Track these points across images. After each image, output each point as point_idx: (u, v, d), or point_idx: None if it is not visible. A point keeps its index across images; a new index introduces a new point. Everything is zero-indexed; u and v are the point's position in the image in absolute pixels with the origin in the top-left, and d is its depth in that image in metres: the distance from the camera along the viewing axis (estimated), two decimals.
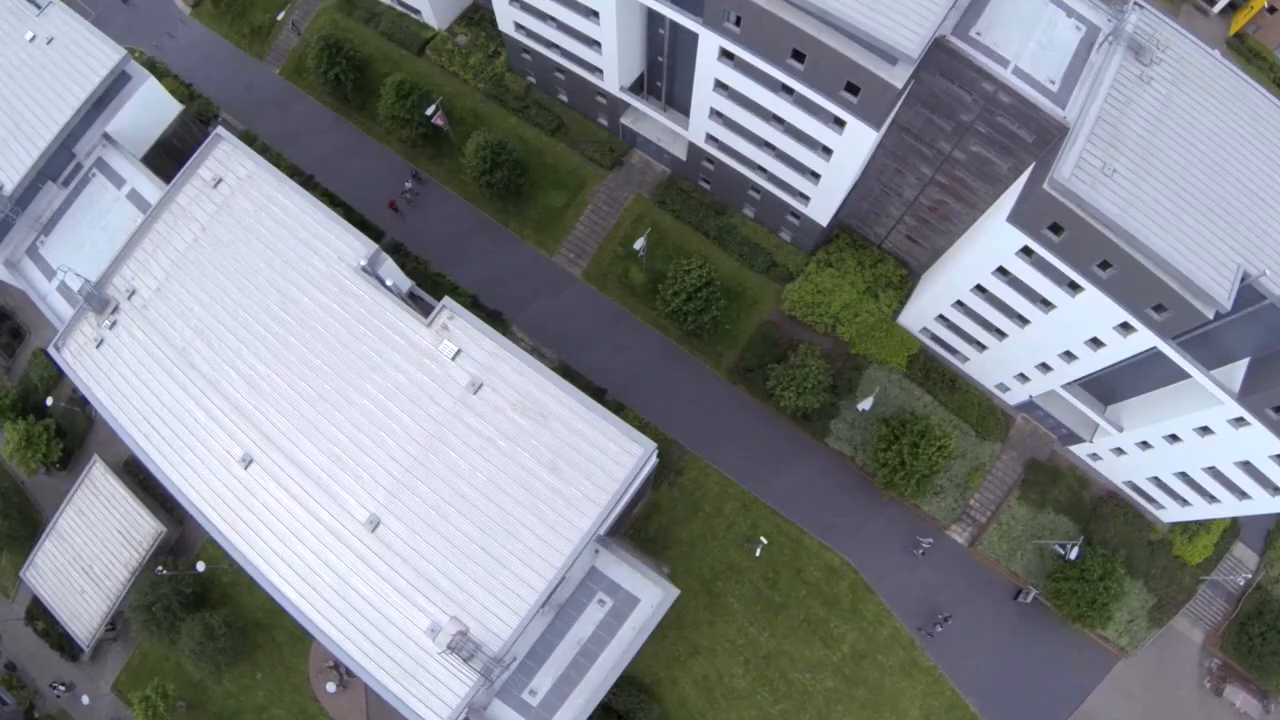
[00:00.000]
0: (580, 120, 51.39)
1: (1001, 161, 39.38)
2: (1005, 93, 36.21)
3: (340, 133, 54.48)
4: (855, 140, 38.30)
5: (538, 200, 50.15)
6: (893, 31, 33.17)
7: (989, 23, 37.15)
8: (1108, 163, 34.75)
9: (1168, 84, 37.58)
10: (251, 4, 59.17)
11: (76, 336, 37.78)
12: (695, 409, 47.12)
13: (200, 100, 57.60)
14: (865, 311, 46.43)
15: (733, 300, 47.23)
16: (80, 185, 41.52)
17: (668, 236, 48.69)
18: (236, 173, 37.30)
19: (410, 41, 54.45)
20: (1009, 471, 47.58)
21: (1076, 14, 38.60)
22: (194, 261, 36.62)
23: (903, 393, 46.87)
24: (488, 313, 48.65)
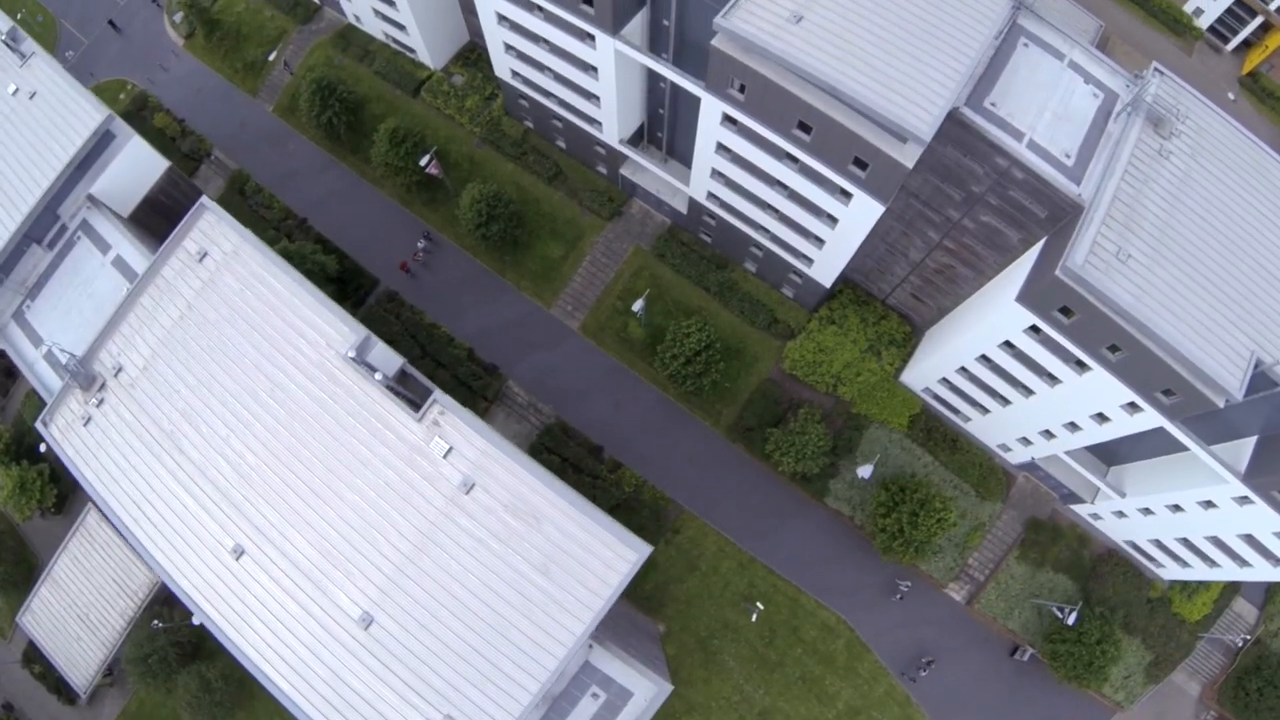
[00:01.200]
0: (579, 168, 49.32)
1: (1012, 233, 37.52)
2: (1019, 168, 34.30)
3: (334, 174, 52.52)
4: (862, 212, 36.46)
5: (535, 250, 48.37)
6: (904, 111, 31.22)
7: (1004, 91, 35.05)
8: (1123, 247, 32.98)
9: (1186, 157, 35.59)
10: (244, 38, 56.73)
11: (64, 412, 36.57)
12: (693, 467, 45.91)
13: (193, 137, 55.57)
14: (867, 371, 44.89)
15: (732, 358, 45.68)
16: (65, 249, 39.94)
17: (667, 291, 46.96)
18: (222, 247, 35.66)
19: (405, 81, 52.14)
20: (1009, 530, 46.45)
21: (1094, 80, 36.45)
22: (180, 341, 35.18)
23: (903, 452, 45.54)
24: (484, 366, 47.23)
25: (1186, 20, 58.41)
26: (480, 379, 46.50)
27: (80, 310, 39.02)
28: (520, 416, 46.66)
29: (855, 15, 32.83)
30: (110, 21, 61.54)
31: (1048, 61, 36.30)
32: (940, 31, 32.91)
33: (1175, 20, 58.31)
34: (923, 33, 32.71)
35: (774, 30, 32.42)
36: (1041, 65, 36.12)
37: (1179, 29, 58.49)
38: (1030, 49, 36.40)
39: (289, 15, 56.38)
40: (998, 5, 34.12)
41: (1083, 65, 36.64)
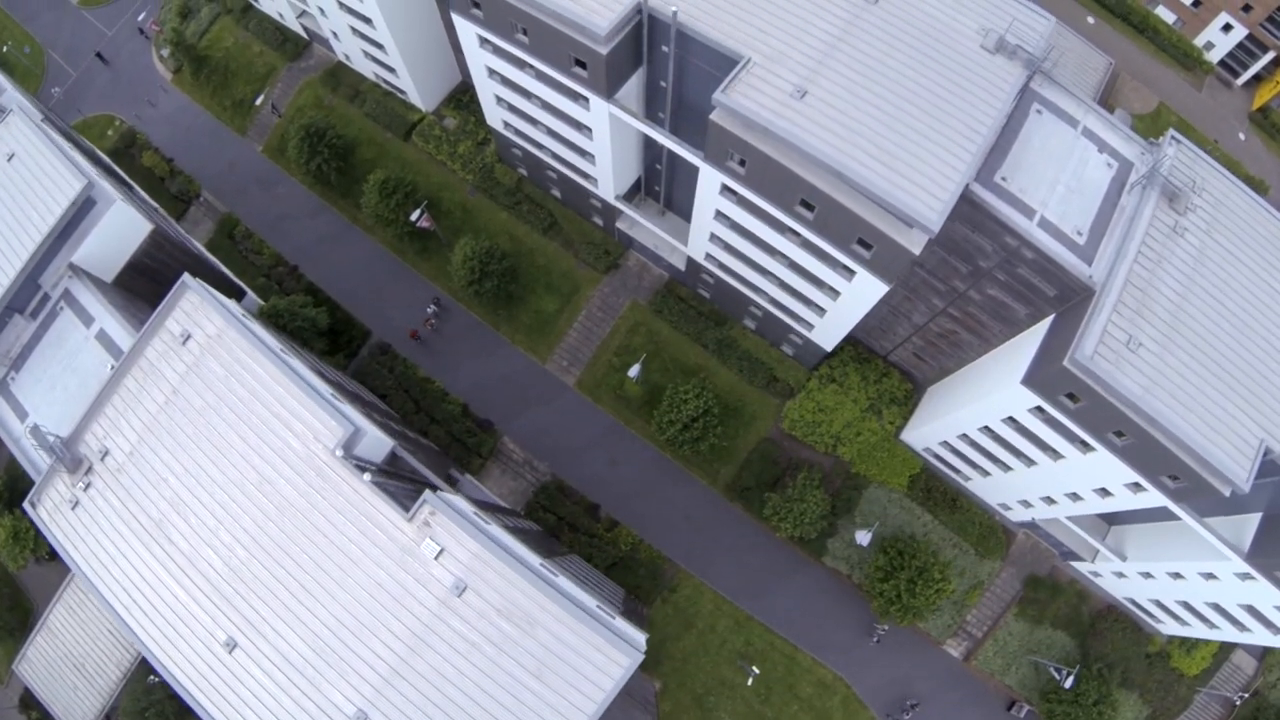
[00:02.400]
0: (574, 218, 47.43)
1: (1020, 308, 35.94)
2: (1029, 249, 32.73)
3: (325, 219, 50.66)
4: (865, 289, 34.86)
5: (529, 304, 46.69)
6: (912, 199, 29.55)
7: (1015, 164, 33.26)
8: (1134, 335, 31.46)
9: (1201, 233, 33.93)
10: (233, 74, 54.41)
11: (51, 494, 35.29)
12: (690, 525, 44.79)
13: (181, 177, 53.58)
14: (867, 431, 43.51)
15: (730, 417, 44.30)
16: (48, 319, 38.32)
17: (665, 348, 45.39)
18: (205, 329, 34.06)
19: (396, 124, 50.01)
20: (1008, 588, 45.46)
21: (1109, 148, 34.65)
22: (166, 427, 33.77)
23: (903, 511, 44.37)
24: (478, 422, 45.85)
25: (1197, 55, 55.99)
26: (474, 435, 45.18)
27: (65, 385, 37.51)
28: (516, 473, 45.41)
29: (861, 89, 30.98)
30: (98, 54, 59.17)
31: (1061, 129, 34.43)
32: (951, 107, 31.07)
33: (1185, 55, 55.91)
34: (932, 108, 30.88)
35: (776, 107, 30.56)
36: (1054, 133, 34.28)
37: (1189, 63, 56.10)
38: (1043, 116, 34.50)
39: (278, 51, 54.00)
40: (1011, 76, 32.18)
41: (1097, 133, 34.81)
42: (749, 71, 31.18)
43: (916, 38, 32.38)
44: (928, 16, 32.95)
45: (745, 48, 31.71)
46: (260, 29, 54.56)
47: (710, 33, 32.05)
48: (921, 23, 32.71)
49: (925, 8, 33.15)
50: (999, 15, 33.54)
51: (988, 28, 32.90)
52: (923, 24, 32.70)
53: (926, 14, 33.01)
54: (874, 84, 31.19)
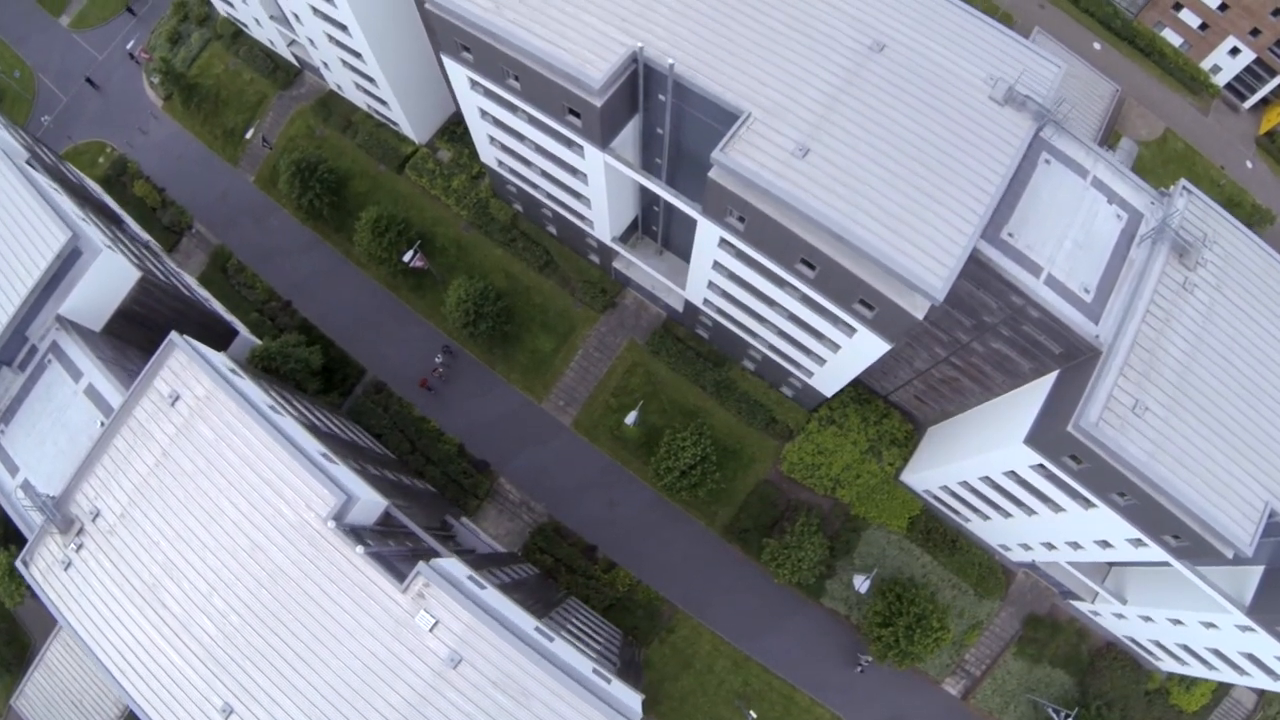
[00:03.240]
0: (570, 256, 46.26)
1: (1024, 362, 35.01)
2: (1035, 307, 31.59)
3: (318, 254, 49.49)
4: (866, 346, 33.84)
5: (525, 343, 45.66)
6: (916, 265, 28.51)
7: (1023, 218, 32.17)
8: (1140, 400, 30.59)
9: (1211, 288, 32.93)
10: (224, 103, 52.96)
11: (43, 554, 34.54)
12: (688, 566, 44.13)
13: (173, 208, 52.34)
14: (867, 473, 42.69)
15: (729, 459, 43.48)
16: (37, 372, 37.29)
17: (662, 388, 44.44)
18: (194, 391, 33.11)
19: (389, 156, 48.68)
20: (1007, 627, 44.89)
21: (1119, 198, 33.52)
22: (157, 490, 32.92)
23: (902, 553, 43.68)
24: (474, 462, 44.99)
25: (1203, 78, 54.42)
26: (471, 477, 44.38)
27: (55, 440, 36.59)
28: (513, 514, 44.68)
29: (865, 145, 29.82)
30: (88, 79, 57.62)
31: (1070, 180, 33.28)
32: (958, 163, 29.95)
33: (1192, 79, 54.37)
34: (939, 164, 29.77)
35: (777, 166, 29.42)
36: (1063, 184, 33.16)
37: (1195, 87, 54.56)
38: (1052, 166, 33.34)
39: (269, 79, 52.51)
40: (1021, 130, 30.94)
41: (1106, 182, 33.69)
42: (749, 128, 29.98)
43: (922, 88, 31.11)
44: (934, 65, 31.64)
45: (745, 101, 30.46)
46: (251, 56, 53.02)
47: (709, 86, 30.79)
48: (928, 72, 31.41)
49: (932, 55, 31.83)
50: (1008, 62, 32.22)
51: (996, 76, 31.59)
52: (929, 73, 31.39)
53: (933, 62, 31.69)
54: (878, 139, 29.99)
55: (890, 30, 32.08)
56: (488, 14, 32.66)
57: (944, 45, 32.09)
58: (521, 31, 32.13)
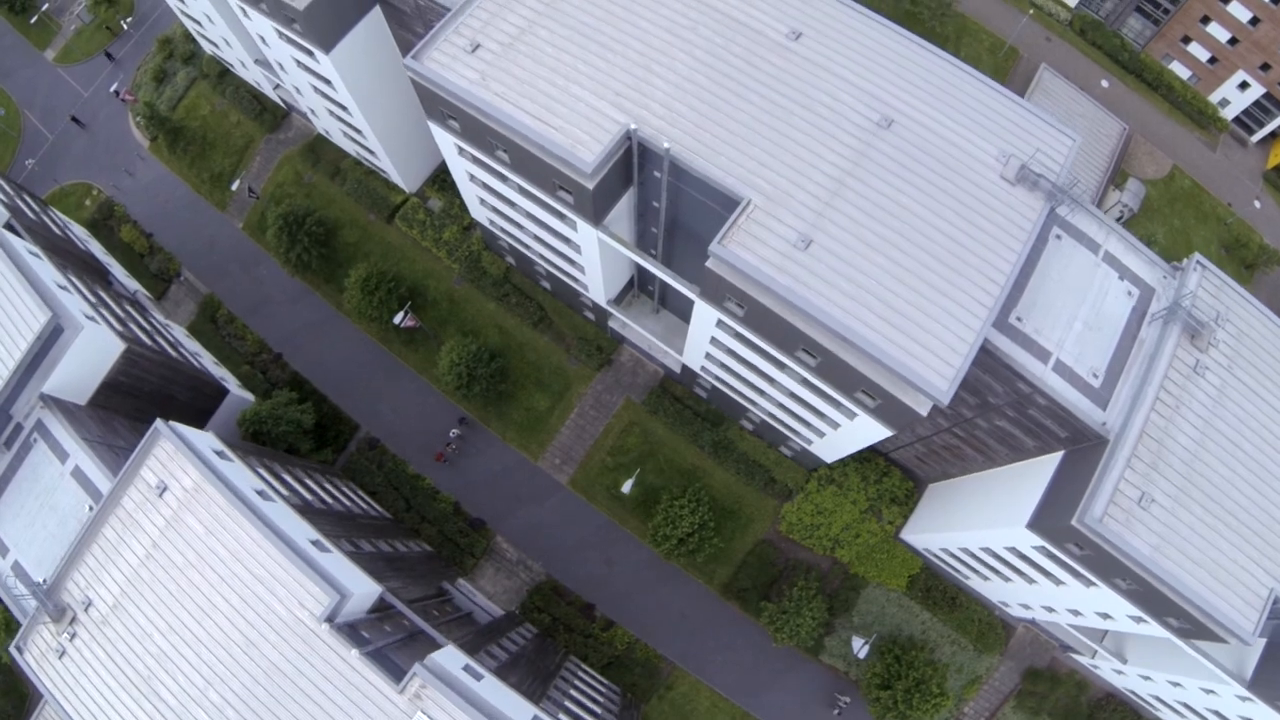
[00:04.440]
0: (565, 311, 44.87)
1: (1028, 440, 34.01)
2: (1041, 395, 30.34)
3: (308, 305, 48.06)
4: (867, 429, 32.62)
5: (520, 401, 44.47)
6: (921, 365, 27.54)
7: (1032, 301, 30.99)
8: (1146, 492, 29.61)
9: (1222, 369, 31.77)
10: (211, 145, 51.12)
11: (37, 640, 33.71)
12: (686, 625, 43.46)
13: (161, 255, 50.82)
14: (867, 532, 41.82)
15: (727, 518, 42.61)
16: (23, 451, 36.19)
17: (660, 448, 43.36)
18: (182, 482, 32.07)
19: (379, 205, 47.09)
20: (1006, 680, 44.37)
21: (1130, 274, 32.28)
22: (149, 581, 32.05)
23: (901, 610, 42.97)
24: (470, 521, 44.08)
25: (1211, 112, 52.60)
26: (467, 535, 43.50)
27: (44, 523, 35.59)
28: (510, 572, 43.86)
29: (870, 235, 28.48)
30: (73, 117, 55.59)
31: (1081, 256, 31.99)
32: (967, 252, 28.69)
33: (1200, 112, 52.52)
34: (947, 254, 28.50)
35: (778, 260, 28.07)
36: (1074, 261, 31.90)
37: (1203, 121, 52.78)
38: (1063, 242, 32.02)
39: (256, 121, 50.64)
40: (1033, 212, 29.53)
41: (1118, 257, 32.48)
42: (749, 216, 28.44)
43: (931, 168, 29.59)
44: (944, 141, 30.08)
45: (745, 186, 28.96)
46: (237, 97, 51.07)
47: (708, 170, 29.28)
48: (937, 150, 29.86)
49: (942, 131, 30.26)
50: (1020, 135, 30.72)
51: (1008, 153, 30.08)
52: (938, 151, 29.85)
53: (942, 138, 30.13)
54: (884, 227, 28.57)
55: (898, 103, 30.43)
56: (474, 87, 31.00)
57: (954, 118, 30.51)
58: (509, 107, 30.51)
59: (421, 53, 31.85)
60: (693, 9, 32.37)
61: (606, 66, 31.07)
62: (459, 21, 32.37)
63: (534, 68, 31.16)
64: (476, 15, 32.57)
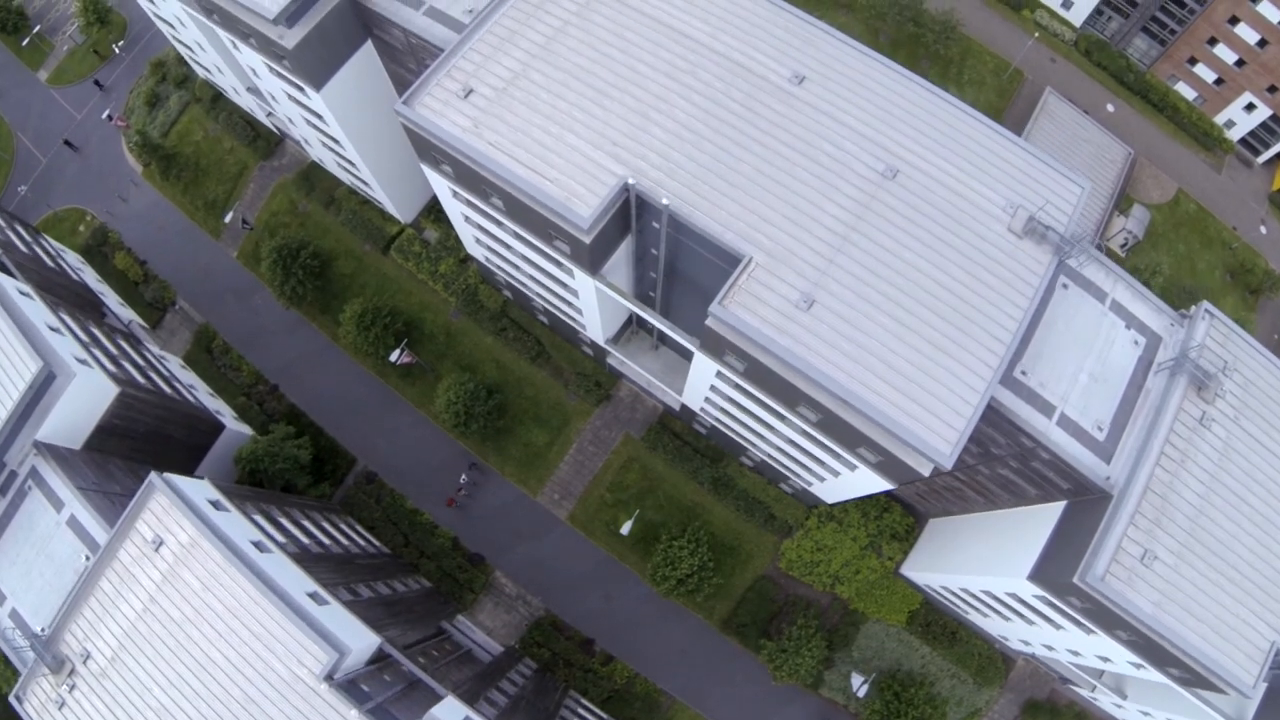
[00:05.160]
0: (563, 346, 44.13)
1: (1030, 489, 33.43)
2: (1045, 450, 29.70)
3: (304, 335, 47.37)
4: (868, 481, 32.03)
5: (518, 436, 43.89)
6: (924, 429, 26.98)
7: (1037, 353, 30.37)
8: (1149, 549, 29.11)
9: (1229, 421, 31.19)
10: (204, 172, 50.20)
11: (36, 691, 33.40)
12: (686, 660, 43.19)
13: (156, 283, 50.04)
14: (867, 568, 41.43)
15: (727, 554, 42.19)
16: (18, 498, 35.76)
17: (659, 484, 42.86)
18: (178, 537, 31.61)
19: (374, 236, 46.27)
20: (1005, 713, 44.20)
21: (1137, 323, 31.61)
22: (146, 635, 31.69)
23: (901, 645, 42.67)
24: (469, 556, 43.66)
25: (1217, 133, 51.54)
26: (466, 571, 43.07)
27: (41, 571, 35.17)
28: (509, 607, 43.53)
29: (874, 293, 27.81)
30: (66, 140, 54.54)
31: (1088, 305, 31.29)
32: (973, 310, 28.06)
33: (1205, 134, 51.45)
34: (952, 311, 27.85)
35: (779, 321, 27.37)
36: (1080, 311, 31.20)
37: (1209, 143, 51.72)
38: (1070, 291, 31.33)
39: (249, 148, 49.65)
40: (1040, 266, 28.82)
41: (1125, 305, 31.81)
42: (750, 275, 27.63)
43: (937, 221, 28.77)
44: (950, 192, 29.22)
45: (746, 242, 28.16)
46: (231, 123, 50.03)
47: (708, 225, 28.48)
48: (942, 201, 29.02)
49: (948, 181, 29.38)
50: (1028, 185, 29.89)
51: (1016, 203, 29.26)
52: (944, 203, 29.01)
53: (948, 189, 29.27)
54: (888, 285, 27.84)
55: (904, 151, 29.53)
56: (466, 135, 30.11)
57: (960, 167, 29.62)
58: (503, 158, 29.65)
59: (413, 97, 30.96)
60: (691, 52, 31.38)
61: (603, 114, 30.15)
62: (451, 64, 31.43)
63: (528, 115, 30.25)
64: (469, 58, 31.62)
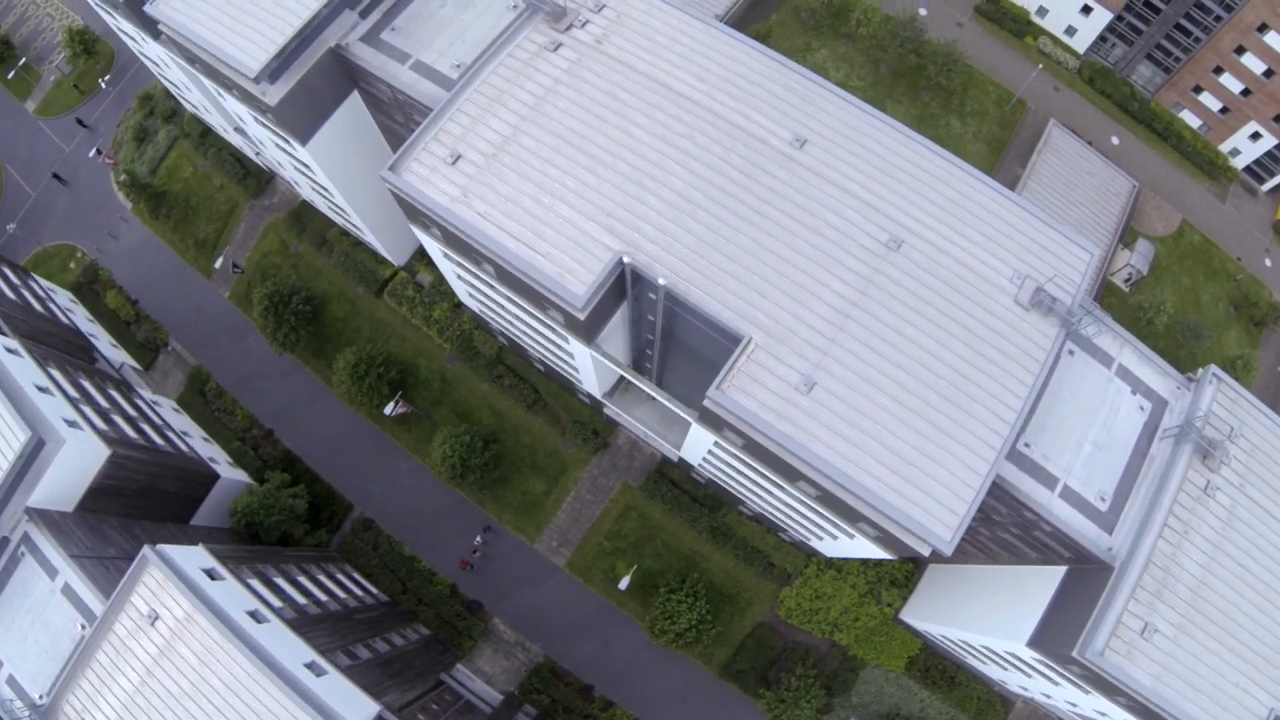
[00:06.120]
0: (560, 393, 43.28)
1: (1031, 552, 32.72)
2: (1046, 524, 29.00)
3: (298, 379, 46.52)
4: (868, 549, 31.34)
5: (516, 484, 43.23)
6: (924, 515, 26.25)
7: (1042, 424, 29.68)
8: (1150, 622, 28.60)
9: (1234, 489, 30.47)
10: (194, 209, 48.98)
11: None
12: (685, 706, 43.00)
13: (148, 323, 49.05)
14: (866, 615, 41.00)
15: (726, 602, 41.69)
16: (11, 564, 35.14)
17: (658, 532, 42.28)
18: (173, 612, 31.04)
19: (367, 278, 45.23)
20: None
21: (1143, 386, 30.84)
22: (145, 710, 31.30)
23: (900, 690, 42.37)
24: (467, 603, 43.14)
25: (1222, 161, 50.29)
26: (464, 619, 42.60)
27: (37, 639, 34.60)
28: (508, 653, 43.19)
29: (876, 374, 27.03)
30: (55, 174, 53.12)
31: (1094, 371, 30.52)
32: (977, 389, 27.36)
33: (1210, 162, 50.14)
34: (956, 391, 27.14)
35: (779, 405, 26.60)
36: (1086, 378, 30.44)
37: (1213, 171, 50.45)
38: (1076, 357, 30.52)
39: (240, 186, 48.38)
40: (1047, 340, 27.94)
41: (1131, 369, 31.05)
42: (749, 357, 26.67)
43: (941, 294, 27.82)
44: (955, 263, 28.25)
45: (746, 321, 27.20)
46: (220, 159, 48.70)
47: (706, 303, 27.53)
48: (947, 273, 28.05)
49: (953, 251, 28.39)
50: (1035, 254, 28.91)
51: (1024, 273, 28.27)
52: (948, 274, 28.05)
53: (954, 259, 28.29)
54: (890, 364, 26.98)
55: (908, 220, 28.49)
56: (455, 205, 29.04)
57: (966, 235, 28.61)
58: (493, 230, 28.60)
59: (399, 163, 29.83)
60: (688, 113, 30.15)
61: (596, 182, 29.03)
62: (438, 127, 30.22)
63: (519, 183, 29.13)
64: (457, 120, 30.39)
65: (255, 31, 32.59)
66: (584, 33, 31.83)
